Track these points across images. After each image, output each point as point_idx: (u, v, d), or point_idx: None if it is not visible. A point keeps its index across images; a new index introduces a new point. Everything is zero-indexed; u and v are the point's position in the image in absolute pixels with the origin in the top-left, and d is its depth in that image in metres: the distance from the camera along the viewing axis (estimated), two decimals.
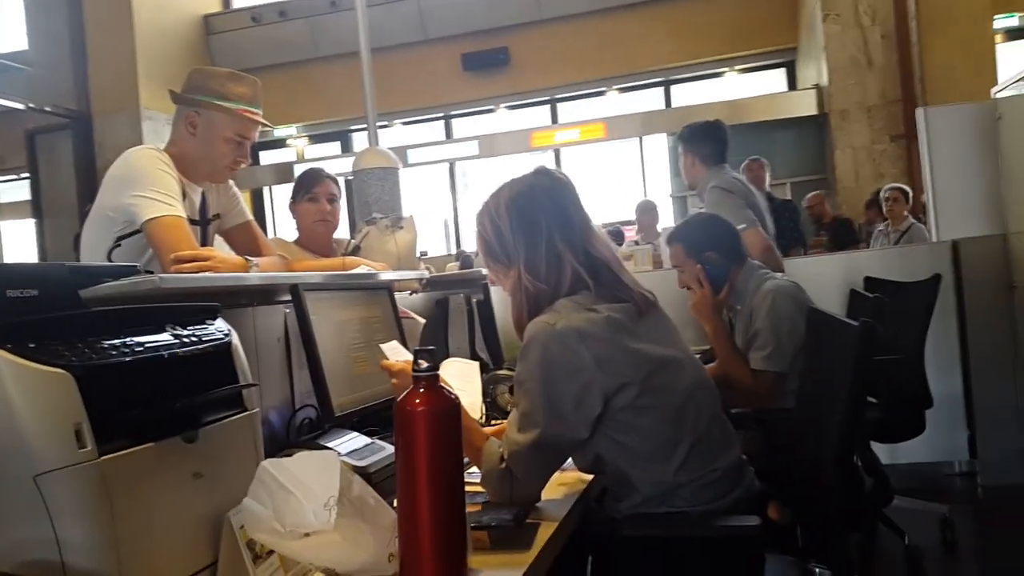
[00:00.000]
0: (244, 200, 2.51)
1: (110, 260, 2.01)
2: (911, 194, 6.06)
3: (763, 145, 8.82)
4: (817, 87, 9.02)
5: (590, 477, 1.61)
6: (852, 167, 8.51)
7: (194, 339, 1.16)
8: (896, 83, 8.29)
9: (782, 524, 1.76)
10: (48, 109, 9.09)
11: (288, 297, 1.78)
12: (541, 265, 1.52)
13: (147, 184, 2.01)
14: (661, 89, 10.86)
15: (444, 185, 11.19)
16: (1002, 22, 8.64)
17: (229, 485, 1.14)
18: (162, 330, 1.13)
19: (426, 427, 1.10)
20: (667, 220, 8.03)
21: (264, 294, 1.88)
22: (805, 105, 9.19)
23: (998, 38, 8.48)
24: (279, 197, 11.18)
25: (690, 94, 10.77)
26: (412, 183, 8.92)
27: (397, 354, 1.68)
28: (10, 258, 11.10)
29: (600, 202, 9.62)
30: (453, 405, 1.14)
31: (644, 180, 10.55)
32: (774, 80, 10.51)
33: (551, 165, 1.78)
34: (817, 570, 1.78)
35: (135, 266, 1.34)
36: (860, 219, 7.79)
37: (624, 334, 1.46)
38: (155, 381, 1.05)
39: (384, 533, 1.14)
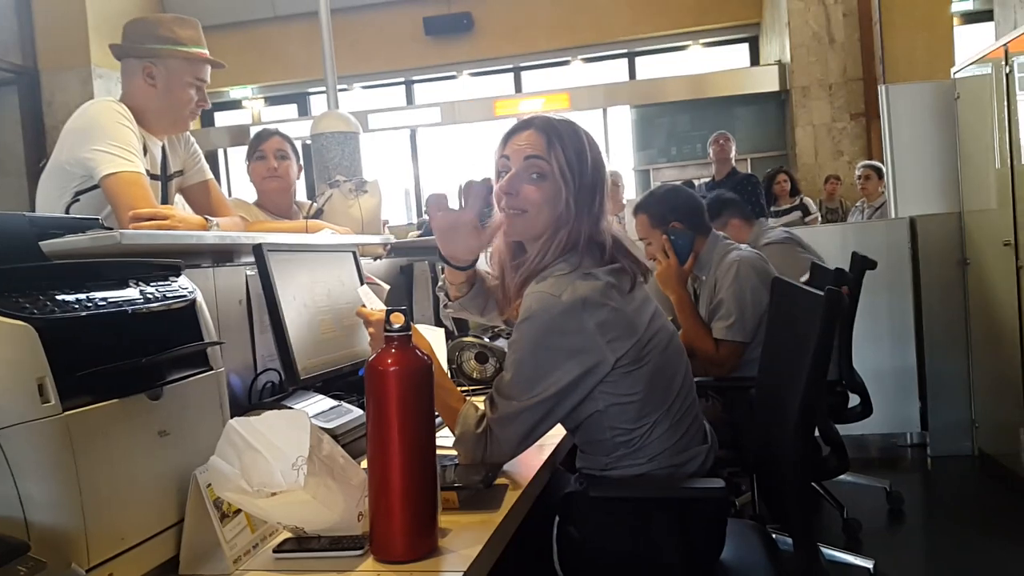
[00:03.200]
0: (204, 159, 2.45)
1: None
2: (883, 171, 6.22)
3: (725, 120, 8.89)
4: (779, 63, 9.08)
5: (557, 440, 1.61)
6: (812, 144, 8.61)
7: (158, 295, 1.13)
8: (857, 61, 8.38)
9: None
10: None
11: (249, 259, 1.74)
12: (602, 218, 1.51)
13: (106, 138, 1.95)
14: (625, 61, 10.84)
15: (405, 153, 11.07)
16: (959, 5, 8.75)
17: (195, 444, 1.12)
18: (125, 286, 1.10)
19: (398, 387, 1.09)
20: (631, 192, 8.07)
21: (225, 254, 1.84)
22: (767, 81, 9.25)
23: (956, 20, 8.60)
24: (234, 159, 10.96)
25: (654, 67, 10.76)
26: (372, 150, 8.80)
27: (371, 299, 1.64)
28: None
29: None
30: (425, 366, 1.13)
31: (607, 152, 10.53)
32: (737, 55, 10.55)
33: None
34: (775, 535, 1.81)
35: (97, 219, 1.29)
36: (820, 195, 7.93)
37: (621, 299, 1.45)
38: (119, 336, 1.03)
39: (354, 492, 1.13)
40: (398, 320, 1.12)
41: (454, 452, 1.46)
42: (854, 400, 3.16)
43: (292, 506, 1.07)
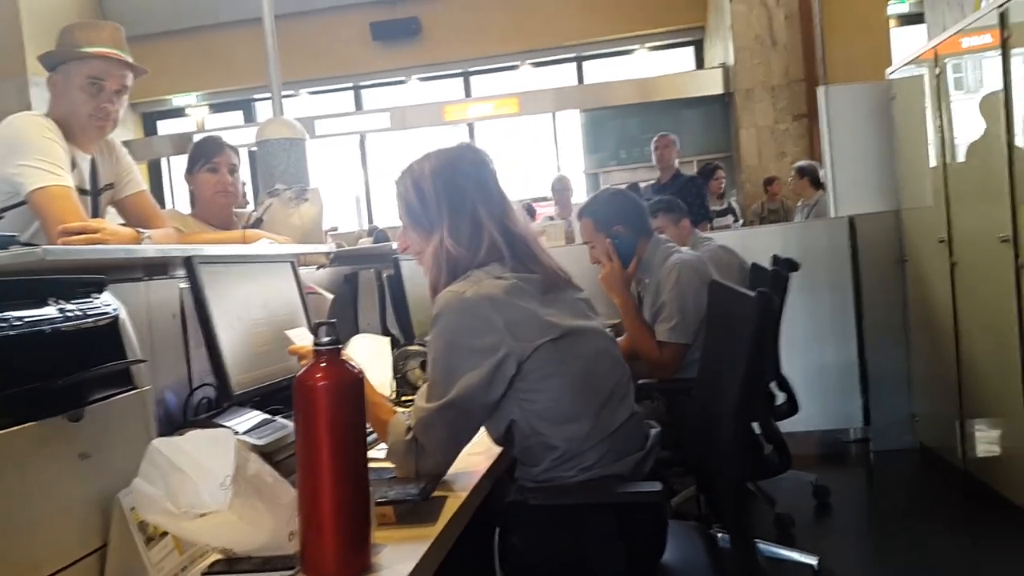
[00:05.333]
0: (139, 171, 2.40)
1: None
2: (807, 169, 6.43)
3: (671, 123, 9.00)
4: (723, 66, 9.22)
5: (499, 450, 1.61)
6: (755, 146, 8.76)
7: (78, 314, 1.10)
8: (799, 63, 8.55)
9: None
10: None
11: (184, 272, 1.71)
12: (464, 231, 1.54)
13: (32, 152, 1.90)
14: (574, 65, 10.91)
15: (355, 158, 10.99)
16: (895, 8, 8.99)
17: (119, 466, 1.09)
18: (44, 304, 1.06)
19: (327, 402, 1.07)
20: (581, 196, 8.11)
21: (160, 267, 1.80)
22: (712, 84, 9.39)
23: (892, 22, 8.82)
24: (177, 168, 10.77)
25: (602, 71, 10.86)
26: (320, 156, 8.72)
27: (304, 340, 1.65)
28: None
29: (514, 178, 9.62)
30: (356, 379, 1.12)
31: (557, 156, 10.61)
32: (683, 59, 10.69)
33: (465, 139, 1.78)
34: (719, 535, 1.83)
35: (15, 236, 1.25)
36: (762, 197, 8.07)
37: (532, 301, 1.48)
38: (36, 357, 0.99)
39: (283, 511, 1.11)
40: (326, 334, 1.11)
41: (391, 465, 1.44)
42: (780, 398, 3.19)
43: (219, 527, 1.05)
